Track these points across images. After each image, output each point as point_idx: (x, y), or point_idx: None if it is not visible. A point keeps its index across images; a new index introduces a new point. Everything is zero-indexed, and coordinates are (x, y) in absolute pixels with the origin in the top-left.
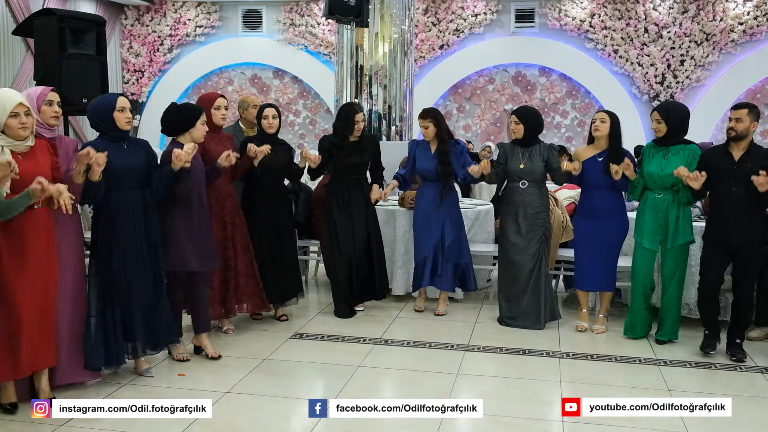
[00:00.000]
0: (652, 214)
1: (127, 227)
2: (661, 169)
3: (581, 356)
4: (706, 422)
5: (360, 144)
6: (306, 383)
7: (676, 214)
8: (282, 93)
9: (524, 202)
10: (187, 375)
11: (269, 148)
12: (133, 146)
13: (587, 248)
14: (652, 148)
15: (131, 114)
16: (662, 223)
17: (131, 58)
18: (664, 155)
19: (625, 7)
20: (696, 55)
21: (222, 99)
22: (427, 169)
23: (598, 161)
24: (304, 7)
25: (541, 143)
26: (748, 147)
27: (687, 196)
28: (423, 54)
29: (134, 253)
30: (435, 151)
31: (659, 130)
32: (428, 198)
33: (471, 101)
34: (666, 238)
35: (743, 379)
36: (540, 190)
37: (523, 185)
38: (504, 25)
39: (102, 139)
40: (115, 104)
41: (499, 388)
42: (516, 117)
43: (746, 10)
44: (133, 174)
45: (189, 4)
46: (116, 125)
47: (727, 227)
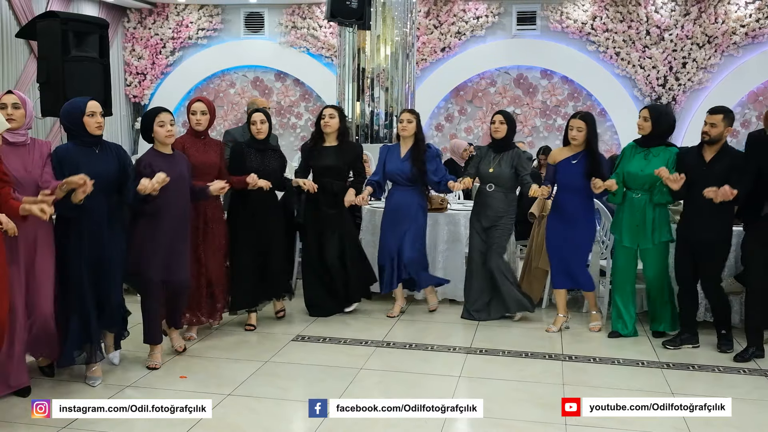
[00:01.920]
0: (630, 213)
1: (93, 231)
2: (641, 170)
3: (584, 359)
4: (707, 424)
5: (339, 148)
6: (308, 385)
7: (653, 214)
8: (284, 95)
9: (488, 204)
10: (189, 377)
11: (269, 185)
12: (106, 151)
13: (558, 249)
14: (633, 148)
15: (102, 118)
16: (639, 223)
17: (133, 61)
18: (645, 156)
19: (627, 10)
20: (698, 58)
21: (198, 103)
22: (399, 173)
23: (573, 163)
24: (306, 10)
25: (514, 150)
26: (719, 150)
27: (665, 197)
28: (425, 56)
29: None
30: (407, 154)
31: (643, 128)
32: (396, 201)
33: (473, 104)
34: (644, 237)
35: (747, 382)
36: (506, 196)
37: (490, 188)
38: (505, 27)
39: (73, 144)
40: (85, 109)
41: (502, 391)
42: (502, 117)
43: (748, 12)
44: (102, 180)
45: (191, 6)
46: (86, 130)
47: (692, 226)
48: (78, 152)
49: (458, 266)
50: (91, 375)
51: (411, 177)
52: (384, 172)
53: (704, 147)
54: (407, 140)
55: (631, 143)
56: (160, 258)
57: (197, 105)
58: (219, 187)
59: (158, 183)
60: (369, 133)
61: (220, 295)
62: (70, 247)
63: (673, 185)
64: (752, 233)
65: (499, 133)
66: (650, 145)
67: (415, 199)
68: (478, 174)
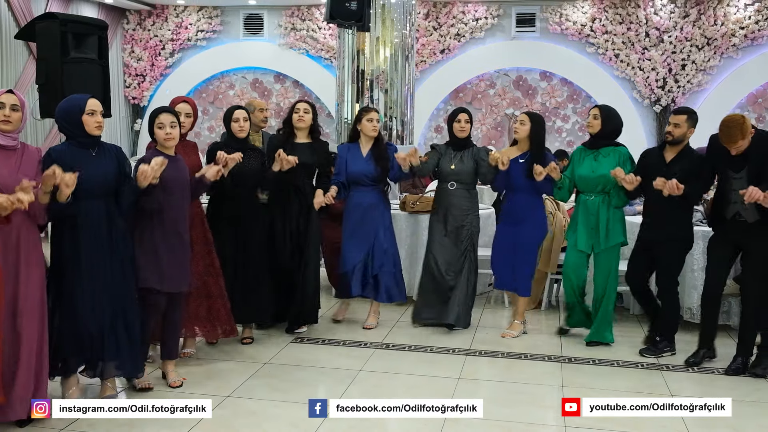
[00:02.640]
0: (584, 216)
1: (91, 239)
2: (592, 171)
3: (583, 361)
4: (707, 426)
5: (311, 145)
6: (307, 387)
7: (607, 216)
8: (283, 97)
9: (451, 203)
10: (188, 379)
11: (241, 156)
12: (104, 153)
13: (505, 250)
14: (582, 151)
15: (102, 118)
16: (594, 225)
17: (133, 63)
18: (595, 158)
19: (626, 12)
20: (697, 60)
21: (184, 105)
22: (361, 173)
23: (520, 162)
24: (306, 12)
25: (474, 146)
26: (681, 151)
27: (621, 198)
28: (424, 58)
29: (96, 269)
30: (368, 153)
31: (593, 126)
32: (361, 203)
33: (472, 105)
34: (597, 240)
35: (746, 384)
36: (469, 192)
37: (452, 186)
38: (505, 29)
39: (69, 145)
40: (85, 107)
41: (501, 393)
42: (467, 116)
43: (747, 14)
44: (101, 183)
45: (191, 8)
46: (84, 130)
47: (650, 225)
48: (74, 154)
49: None
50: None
51: (376, 177)
52: (346, 173)
53: (666, 147)
54: (370, 140)
55: (579, 147)
56: (160, 266)
57: (184, 106)
58: (214, 171)
59: (158, 166)
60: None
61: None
62: (64, 258)
63: (628, 186)
64: (717, 234)
65: (465, 132)
66: (599, 146)
67: (380, 200)
68: (438, 171)
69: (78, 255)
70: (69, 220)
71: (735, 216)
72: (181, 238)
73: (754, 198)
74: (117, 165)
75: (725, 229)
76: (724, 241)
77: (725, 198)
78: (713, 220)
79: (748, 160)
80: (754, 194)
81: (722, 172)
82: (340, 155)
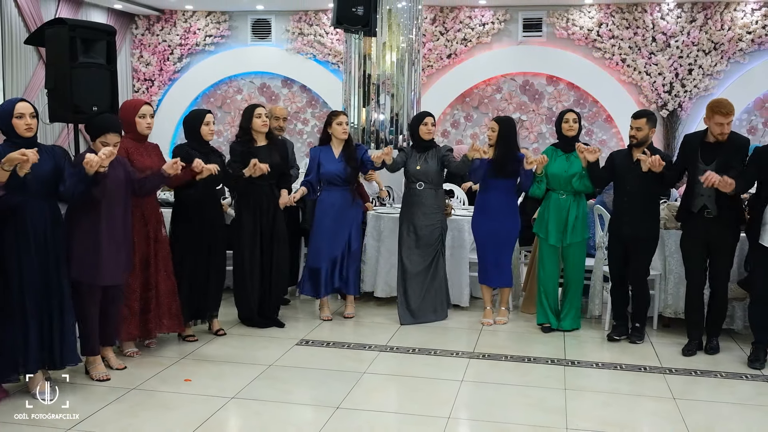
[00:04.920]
0: (556, 213)
1: (32, 237)
2: (564, 171)
3: (586, 364)
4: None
5: (270, 147)
6: (312, 389)
7: (576, 213)
8: (290, 101)
9: (419, 203)
10: (193, 381)
11: (217, 169)
12: (42, 154)
13: (487, 246)
14: (554, 151)
15: (36, 120)
16: (563, 222)
17: (141, 67)
18: (567, 158)
19: (633, 17)
20: (704, 64)
21: (147, 107)
22: (335, 173)
23: (491, 162)
24: (313, 17)
25: (437, 147)
26: (645, 150)
27: (585, 185)
28: (431, 63)
29: (36, 265)
30: (340, 155)
31: (573, 129)
32: (335, 202)
33: (479, 110)
34: (567, 235)
35: (749, 388)
36: (436, 192)
37: (420, 187)
38: (511, 34)
39: (5, 146)
40: (13, 111)
41: (504, 396)
42: (433, 119)
43: (754, 19)
44: (39, 182)
45: (199, 13)
46: (16, 132)
47: (622, 221)
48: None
49: (462, 271)
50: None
51: (347, 177)
52: (319, 173)
53: (632, 149)
54: (341, 142)
55: (550, 147)
56: (98, 261)
57: (148, 108)
58: (172, 163)
59: (106, 156)
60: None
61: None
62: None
63: (591, 156)
64: (687, 232)
65: (431, 134)
66: (571, 150)
67: (352, 199)
68: (405, 173)
69: (17, 252)
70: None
71: (702, 209)
72: (124, 233)
73: (711, 181)
74: (54, 163)
75: (693, 224)
76: (693, 236)
77: (693, 191)
78: (682, 215)
79: (719, 153)
80: (711, 178)
81: (693, 165)
82: (312, 157)
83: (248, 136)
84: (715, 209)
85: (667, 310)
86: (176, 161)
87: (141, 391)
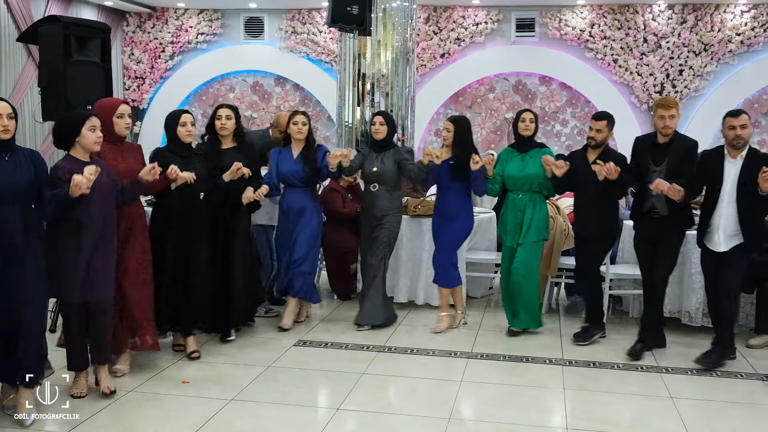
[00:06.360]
0: (513, 213)
1: (4, 246)
2: (520, 171)
3: (583, 364)
4: (707, 427)
5: (239, 149)
6: (310, 390)
7: (532, 213)
8: (283, 100)
9: (373, 204)
10: (191, 382)
11: (193, 178)
12: (18, 158)
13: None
14: (510, 152)
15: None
16: (520, 221)
17: (132, 65)
18: (523, 158)
19: (625, 18)
20: (694, 65)
21: (125, 106)
22: (292, 174)
23: (450, 164)
24: (306, 15)
25: (394, 147)
26: (602, 152)
27: (549, 189)
28: (424, 62)
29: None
30: (299, 156)
31: (529, 129)
32: (291, 204)
33: (472, 109)
34: (520, 234)
35: (745, 387)
36: (390, 194)
37: (374, 188)
38: (505, 34)
39: None
40: None
41: (503, 396)
42: (382, 118)
43: (744, 20)
44: (13, 188)
45: (191, 11)
46: None
47: (579, 220)
48: None
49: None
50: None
51: (304, 178)
52: (277, 174)
53: (588, 150)
54: (300, 142)
55: (507, 148)
56: (81, 277)
57: (126, 108)
58: (148, 169)
59: (91, 175)
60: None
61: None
62: None
63: (558, 171)
64: (637, 231)
65: (380, 134)
66: (527, 150)
67: (309, 201)
68: (362, 174)
69: None
70: None
71: (651, 210)
72: (107, 242)
73: (660, 189)
74: (34, 170)
75: (643, 224)
76: (643, 236)
77: (644, 192)
78: (634, 215)
79: (669, 153)
80: (660, 185)
81: (644, 167)
82: (271, 158)
83: (213, 135)
84: (665, 209)
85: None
86: (153, 167)
87: (138, 394)
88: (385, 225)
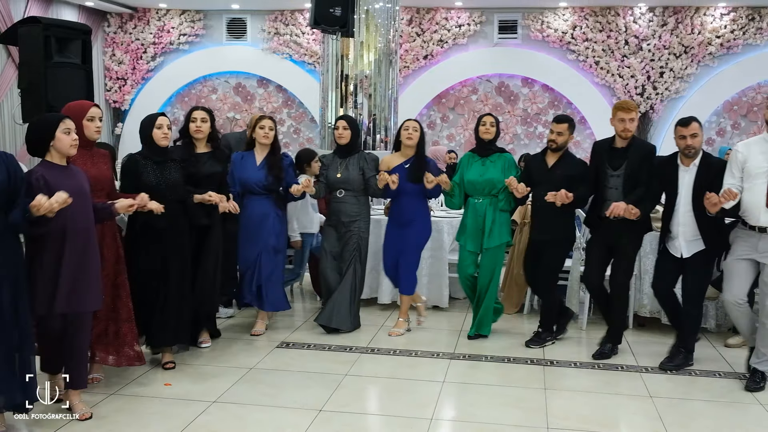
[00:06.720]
0: (473, 218)
1: None
2: (480, 176)
3: (565, 364)
4: (684, 426)
5: (214, 154)
6: (293, 392)
7: (493, 217)
8: (266, 102)
9: (340, 210)
10: (173, 384)
11: (161, 209)
12: None
13: (392, 251)
14: (470, 157)
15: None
16: (481, 226)
17: (114, 66)
18: (483, 163)
19: (606, 20)
20: (675, 68)
21: (96, 109)
22: (254, 181)
23: (405, 168)
24: (289, 17)
25: (360, 153)
26: (561, 156)
27: (509, 203)
28: (407, 64)
29: None
30: (263, 162)
31: (490, 132)
32: (252, 213)
33: (455, 111)
34: (482, 239)
35: (722, 385)
36: (357, 199)
37: (340, 194)
38: (487, 36)
39: None
40: None
41: (485, 396)
42: (345, 122)
43: (723, 23)
44: None
45: (173, 12)
46: None
47: (536, 225)
48: None
49: (442, 273)
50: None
51: (267, 186)
52: (239, 180)
53: (548, 153)
54: (264, 148)
55: (468, 153)
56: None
57: (96, 110)
58: (126, 204)
59: (58, 204)
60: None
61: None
62: None
63: (518, 195)
64: (592, 235)
65: (344, 138)
66: (488, 154)
67: (271, 208)
68: (326, 181)
69: None
70: None
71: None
72: (90, 252)
73: (616, 213)
74: (6, 174)
75: (600, 228)
76: (599, 241)
77: (601, 197)
78: (590, 220)
79: (627, 157)
80: (616, 210)
81: (602, 171)
82: (233, 162)
83: (187, 140)
84: None
85: (642, 310)
86: (132, 205)
87: (120, 396)
88: (354, 231)
